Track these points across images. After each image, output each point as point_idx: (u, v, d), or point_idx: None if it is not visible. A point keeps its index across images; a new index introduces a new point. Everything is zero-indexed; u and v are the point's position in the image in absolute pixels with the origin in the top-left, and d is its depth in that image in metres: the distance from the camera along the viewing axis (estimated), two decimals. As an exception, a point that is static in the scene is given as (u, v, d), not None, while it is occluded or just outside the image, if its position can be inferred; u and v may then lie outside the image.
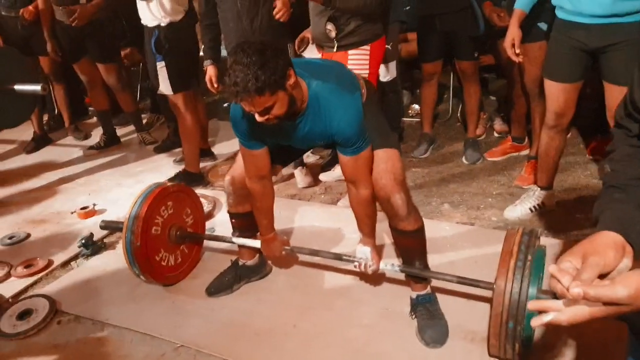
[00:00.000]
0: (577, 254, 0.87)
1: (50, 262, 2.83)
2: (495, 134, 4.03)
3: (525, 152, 3.55)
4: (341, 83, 1.88)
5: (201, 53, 3.50)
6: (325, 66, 2.04)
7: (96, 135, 4.64)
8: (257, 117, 1.73)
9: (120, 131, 4.71)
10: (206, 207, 3.15)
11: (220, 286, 2.46)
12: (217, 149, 4.27)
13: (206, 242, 2.75)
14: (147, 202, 2.35)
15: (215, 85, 3.21)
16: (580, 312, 0.82)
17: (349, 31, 2.69)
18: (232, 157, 4.12)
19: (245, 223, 2.39)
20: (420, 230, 2.09)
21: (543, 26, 2.91)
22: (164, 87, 3.41)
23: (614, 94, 2.43)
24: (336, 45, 2.73)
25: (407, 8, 3.67)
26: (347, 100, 1.84)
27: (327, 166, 3.61)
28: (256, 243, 2.35)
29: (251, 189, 2.14)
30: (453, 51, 3.52)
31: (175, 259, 2.54)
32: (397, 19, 3.29)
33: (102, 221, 2.68)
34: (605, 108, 2.56)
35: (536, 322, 0.86)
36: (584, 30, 2.34)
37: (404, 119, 4.36)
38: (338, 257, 2.25)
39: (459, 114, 4.38)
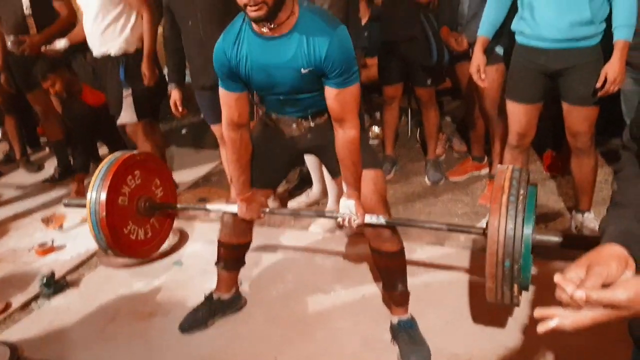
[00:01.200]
0: (581, 265, 0.90)
1: (8, 305, 2.69)
2: (455, 154, 4.12)
3: (486, 170, 3.65)
4: (331, 15, 1.90)
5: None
6: None
7: (50, 167, 4.48)
8: None
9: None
10: (171, 239, 3.08)
11: (194, 322, 2.38)
12: (177, 177, 4.18)
13: (174, 274, 2.68)
14: (112, 169, 2.23)
15: (180, 109, 3.19)
16: (583, 317, 0.85)
17: None
18: (194, 185, 4.05)
19: (234, 255, 2.34)
20: (402, 251, 2.12)
21: (500, 50, 3.02)
22: (128, 115, 3.36)
23: (573, 114, 2.54)
24: None
25: (366, 34, 3.73)
26: (337, 26, 1.80)
27: (295, 191, 3.59)
28: (233, 208, 2.20)
29: (230, 140, 2.04)
30: (409, 78, 3.61)
31: (145, 233, 2.43)
32: (359, 46, 3.34)
33: (65, 199, 2.56)
34: (558, 125, 2.68)
35: (542, 329, 0.87)
36: (543, 54, 2.44)
37: (365, 141, 4.40)
38: (320, 214, 2.24)
39: (417, 135, 4.46)
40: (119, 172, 2.24)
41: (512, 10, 2.61)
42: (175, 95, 3.16)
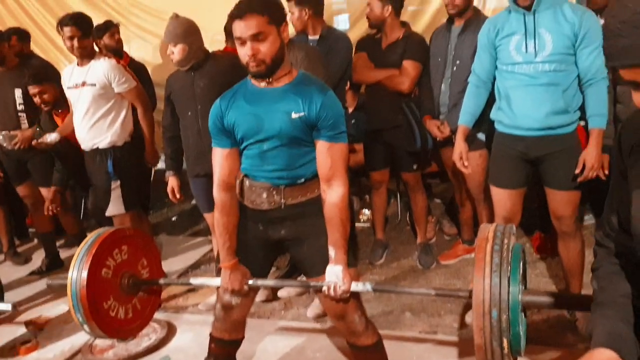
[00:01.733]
0: None
1: (-13, 408, 2.58)
2: (445, 237, 4.14)
3: (476, 253, 3.64)
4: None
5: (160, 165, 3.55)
6: None
7: (37, 259, 4.42)
8: (247, 50, 1.81)
9: (65, 253, 4.52)
10: (159, 333, 3.01)
11: None
12: (166, 266, 4.13)
13: None
14: (100, 239, 2.22)
15: (178, 196, 3.24)
16: None
17: None
18: (183, 275, 4.00)
19: (226, 352, 2.27)
20: (379, 342, 2.09)
21: (482, 136, 3.12)
22: (116, 207, 3.39)
23: (556, 198, 2.60)
24: None
25: (353, 122, 3.85)
26: (330, 90, 1.95)
27: (285, 277, 3.56)
28: (217, 281, 2.15)
29: (220, 201, 2.04)
30: (395, 163, 3.69)
31: (126, 313, 2.36)
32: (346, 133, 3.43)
33: (49, 278, 2.52)
34: (545, 207, 2.73)
35: None
36: (522, 141, 2.52)
37: (357, 224, 4.42)
38: (305, 284, 2.15)
39: (407, 218, 4.49)
40: (106, 242, 2.25)
41: (492, 98, 2.73)
42: (172, 182, 3.24)
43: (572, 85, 2.45)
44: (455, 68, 3.15)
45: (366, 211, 4.69)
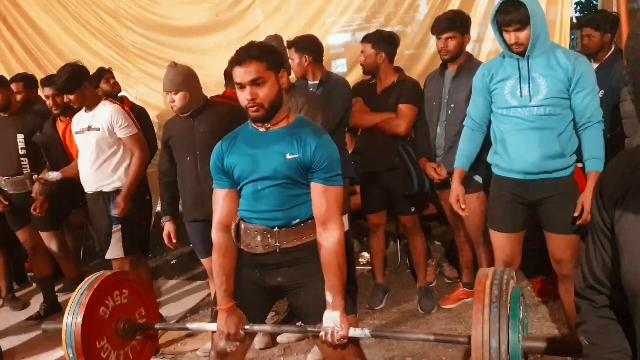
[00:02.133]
0: None
1: None
2: (446, 280, 4.10)
3: (478, 297, 3.61)
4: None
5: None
6: None
7: (35, 304, 4.38)
8: (247, 95, 1.88)
9: (64, 298, 4.48)
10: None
11: None
12: (165, 311, 4.10)
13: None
14: (101, 278, 2.23)
15: (175, 241, 3.24)
16: None
17: None
18: (182, 320, 3.95)
19: None
20: None
21: (479, 179, 3.14)
22: (116, 251, 3.39)
23: (555, 242, 2.60)
24: None
25: (353, 163, 3.87)
26: (326, 134, 2.03)
27: (284, 323, 3.51)
28: (213, 327, 2.12)
29: (218, 243, 2.06)
30: (393, 206, 3.70)
31: (117, 358, 2.30)
32: (347, 176, 3.46)
33: (44, 323, 2.48)
34: (546, 250, 2.72)
35: None
36: (520, 185, 2.54)
37: (357, 267, 4.39)
38: (303, 330, 2.13)
39: (407, 262, 4.46)
40: (110, 281, 2.25)
41: (488, 140, 2.76)
42: (169, 227, 3.23)
43: (568, 129, 2.49)
44: (450, 112, 3.20)
45: (366, 254, 4.66)
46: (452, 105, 3.18)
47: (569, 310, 2.74)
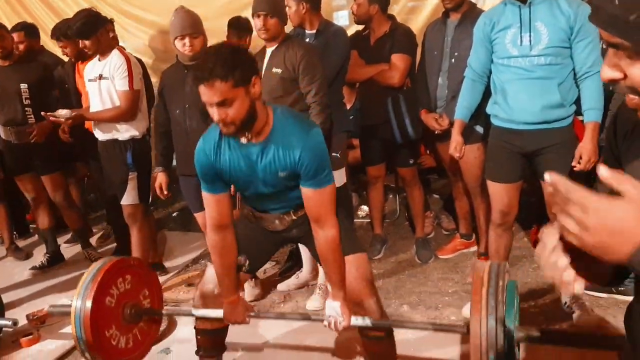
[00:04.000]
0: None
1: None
2: (444, 231, 4.15)
3: (474, 248, 3.67)
4: (305, 118, 2.02)
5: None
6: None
7: (38, 254, 4.45)
8: (215, 115, 1.77)
9: (69, 249, 4.56)
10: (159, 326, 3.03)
11: None
12: (167, 261, 4.18)
13: None
14: (105, 268, 2.26)
15: (165, 192, 3.23)
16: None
17: None
18: (183, 269, 4.03)
19: (212, 341, 2.31)
20: (391, 334, 2.12)
21: (479, 129, 3.12)
22: (131, 197, 3.43)
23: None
24: None
25: (352, 117, 3.86)
26: (311, 129, 1.91)
27: (285, 272, 3.58)
28: (219, 313, 2.19)
29: (212, 242, 2.06)
30: (390, 158, 3.71)
31: (127, 342, 2.39)
32: (345, 129, 3.46)
33: (51, 305, 2.54)
34: (543, 200, 2.73)
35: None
36: (518, 135, 2.54)
37: (355, 220, 4.44)
38: (306, 317, 2.21)
39: (406, 214, 4.51)
40: (111, 272, 2.28)
41: (488, 92, 2.74)
42: (161, 178, 3.21)
43: (568, 79, 2.46)
44: (453, 60, 3.15)
45: (364, 207, 4.70)
46: (455, 54, 3.13)
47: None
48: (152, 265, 3.73)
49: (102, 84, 3.35)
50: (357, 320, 2.02)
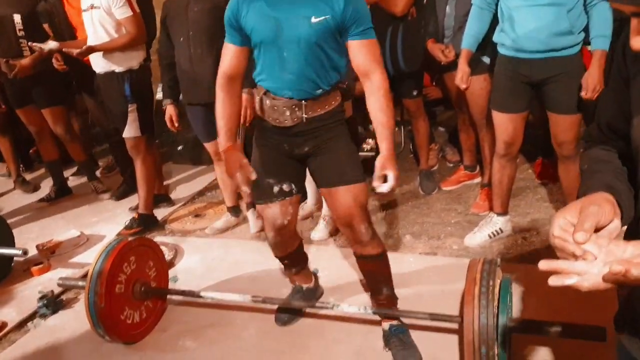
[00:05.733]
0: (572, 209, 0.88)
1: (4, 325, 2.70)
2: (448, 164, 4.15)
3: (478, 179, 3.68)
4: None
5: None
6: None
7: (45, 187, 4.51)
8: None
9: (76, 182, 4.61)
10: (167, 255, 3.10)
11: (291, 311, 2.50)
12: (173, 193, 4.23)
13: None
14: (110, 259, 2.27)
15: (176, 124, 3.22)
16: (599, 282, 0.81)
17: None
18: (190, 201, 4.07)
19: (293, 260, 2.41)
20: (384, 254, 2.17)
21: (486, 60, 3.06)
22: (132, 129, 3.41)
23: (558, 122, 2.58)
24: None
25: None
26: None
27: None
28: (226, 296, 2.30)
29: (220, 89, 2.05)
30: (395, 90, 3.64)
31: (140, 315, 2.47)
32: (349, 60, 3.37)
33: (60, 278, 2.60)
34: (548, 132, 2.73)
35: (556, 282, 0.83)
36: (525, 64, 2.48)
37: (360, 153, 4.43)
38: (312, 305, 2.37)
39: (410, 147, 4.50)
40: (115, 262, 2.29)
41: (496, 22, 2.67)
42: (170, 110, 3.19)
43: (577, 6, 2.38)
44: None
45: (370, 140, 4.69)
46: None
47: (567, 190, 2.79)
48: (157, 197, 3.79)
49: (94, 13, 3.25)
50: (359, 309, 2.18)
